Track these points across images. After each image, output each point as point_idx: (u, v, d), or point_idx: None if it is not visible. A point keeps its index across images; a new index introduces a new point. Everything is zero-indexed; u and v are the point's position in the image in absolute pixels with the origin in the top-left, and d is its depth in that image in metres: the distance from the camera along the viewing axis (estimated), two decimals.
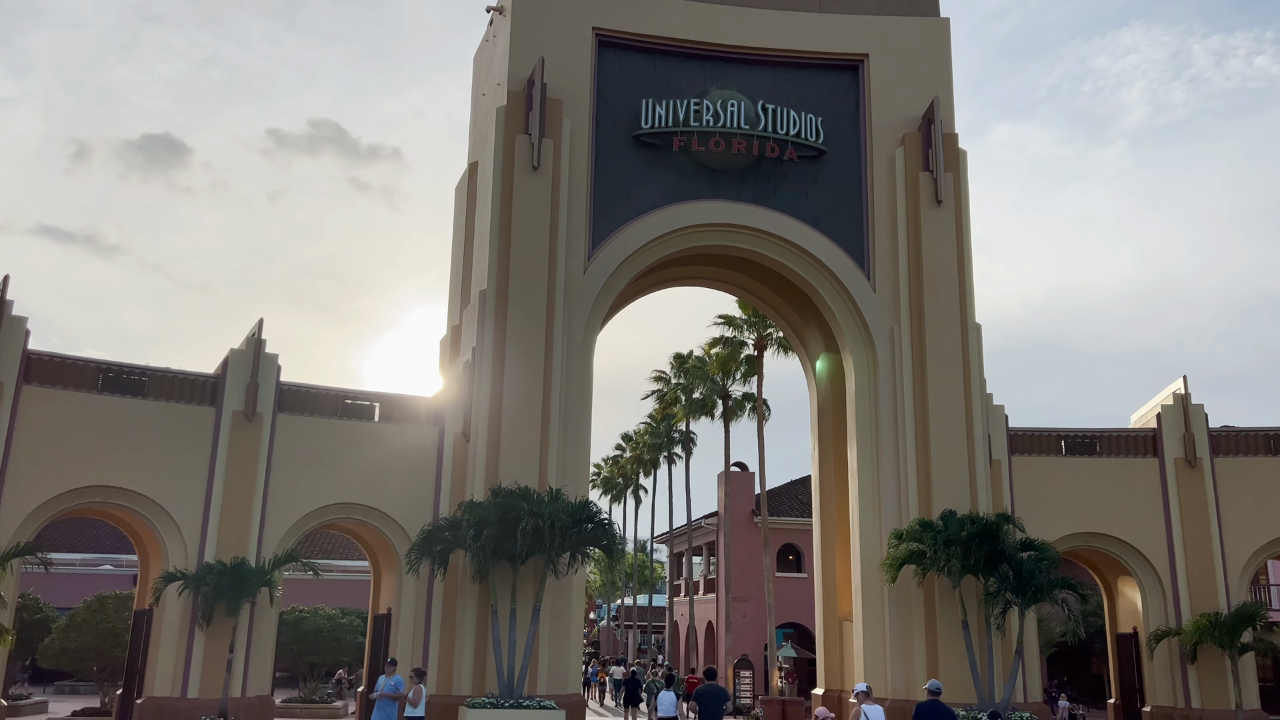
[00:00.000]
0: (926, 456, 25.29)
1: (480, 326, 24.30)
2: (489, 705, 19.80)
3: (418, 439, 23.90)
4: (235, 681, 20.93)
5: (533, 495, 21.38)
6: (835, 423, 29.56)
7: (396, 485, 23.41)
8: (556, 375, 24.28)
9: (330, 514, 23.13)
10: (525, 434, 23.56)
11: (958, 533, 22.43)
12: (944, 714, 13.44)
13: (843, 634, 27.81)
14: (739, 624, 48.07)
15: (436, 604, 22.85)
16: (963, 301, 26.37)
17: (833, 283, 27.01)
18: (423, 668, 18.12)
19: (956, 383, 25.70)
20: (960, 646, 23.39)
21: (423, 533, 21.37)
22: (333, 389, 23.59)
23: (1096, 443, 26.51)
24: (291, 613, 35.69)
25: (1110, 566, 27.09)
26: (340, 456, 23.15)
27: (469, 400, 23.98)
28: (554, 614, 23.15)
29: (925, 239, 26.57)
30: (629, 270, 26.44)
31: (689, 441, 54.59)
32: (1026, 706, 23.33)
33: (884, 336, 26.57)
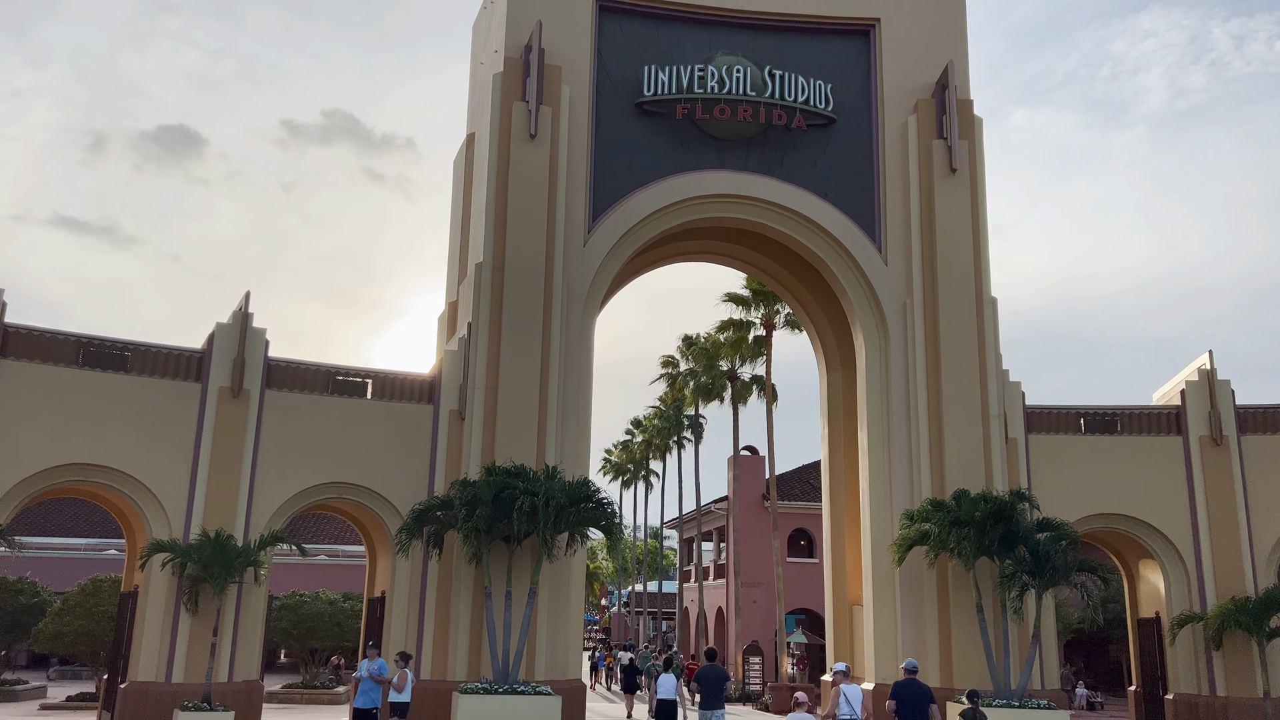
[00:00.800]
0: (940, 435, 24.36)
1: (476, 300, 23.47)
2: (482, 691, 19.04)
3: (412, 417, 23.11)
4: (221, 666, 20.24)
5: (529, 473, 20.57)
6: (846, 402, 28.65)
7: (389, 464, 22.64)
8: (555, 351, 23.45)
9: (321, 494, 22.37)
10: (523, 412, 22.75)
11: (971, 513, 21.50)
12: (920, 692, 13.41)
13: (853, 619, 26.96)
14: (749, 610, 47.30)
15: (431, 587, 22.10)
16: (978, 274, 25.37)
17: (842, 255, 26.05)
18: (409, 652, 17.35)
19: (971, 358, 24.74)
20: (974, 632, 22.50)
21: (413, 512, 20.60)
22: (322, 364, 22.81)
23: (1118, 420, 25.48)
24: (292, 597, 35.17)
25: (1131, 549, 26.09)
26: (331, 434, 22.39)
27: (464, 377, 23.16)
28: (553, 597, 22.39)
29: (939, 209, 25.57)
30: (631, 243, 25.54)
31: (698, 426, 53.75)
32: (1044, 694, 22.40)
33: (896, 311, 25.61)
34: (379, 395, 23.11)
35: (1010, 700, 20.63)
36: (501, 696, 18.94)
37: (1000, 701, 20.52)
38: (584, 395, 24.34)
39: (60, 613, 29.74)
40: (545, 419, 22.98)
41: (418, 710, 21.04)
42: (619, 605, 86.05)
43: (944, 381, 24.56)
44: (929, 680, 22.78)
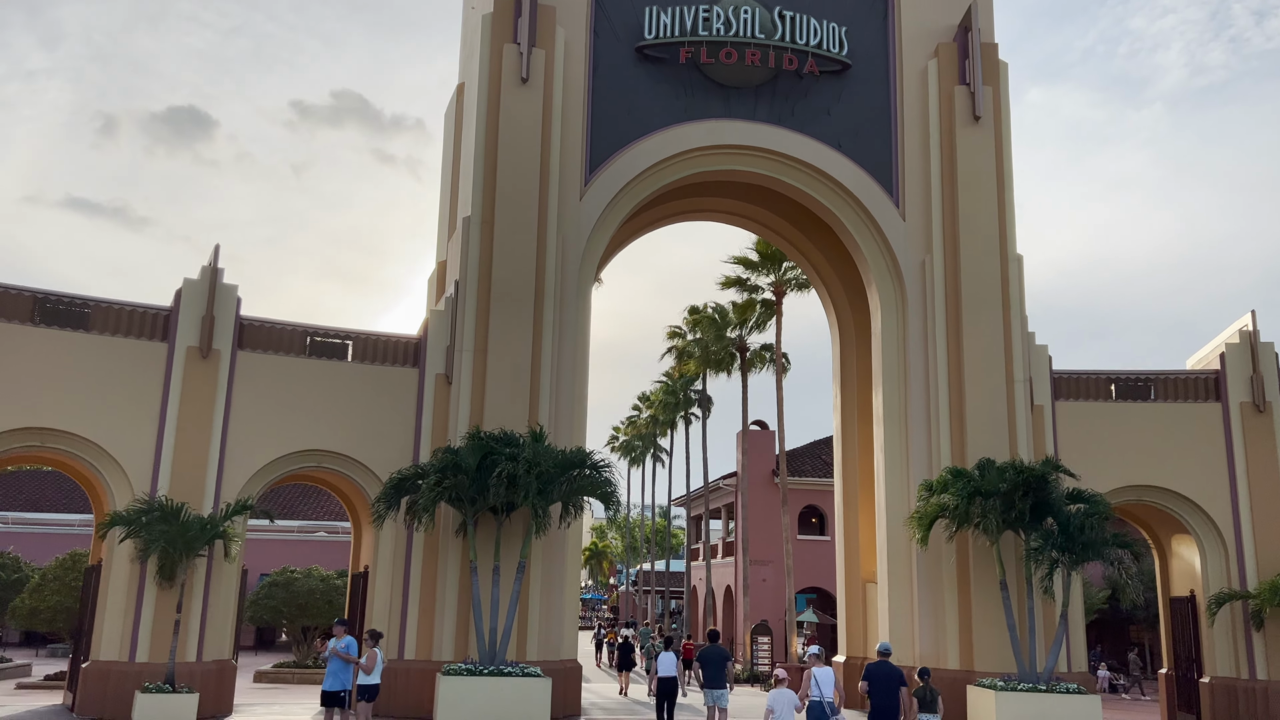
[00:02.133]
0: (960, 402, 22.77)
1: (464, 256, 21.94)
2: (466, 673, 17.64)
3: (396, 381, 21.64)
4: (189, 645, 18.92)
5: (517, 439, 19.09)
6: (860, 369, 27.08)
7: (372, 431, 21.20)
8: (549, 311, 21.91)
9: (298, 462, 20.95)
10: (514, 375, 21.25)
11: (996, 483, 19.93)
12: (891, 674, 13.67)
13: (866, 597, 25.48)
14: (758, 588, 45.90)
15: (416, 561, 20.70)
16: (1002, 230, 23.68)
17: (857, 211, 24.39)
18: (379, 630, 15.94)
19: (995, 320, 23.09)
20: (997, 611, 21.00)
21: (390, 481, 19.15)
22: (299, 324, 21.33)
23: (1151, 386, 23.81)
24: (284, 573, 33.97)
25: (1164, 523, 24.46)
26: (309, 399, 20.96)
27: (451, 338, 21.68)
28: (546, 573, 20.96)
29: (961, 160, 23.86)
30: (631, 198, 23.92)
31: (706, 400, 52.20)
32: (1071, 677, 20.90)
33: (914, 269, 23.97)
34: (360, 358, 21.64)
35: (1036, 684, 19.12)
36: (487, 678, 17.55)
37: (1026, 685, 19.02)
38: (580, 359, 22.82)
39: (37, 588, 28.57)
40: (538, 383, 21.49)
41: (402, 692, 19.77)
42: (627, 584, 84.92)
43: (965, 344, 22.95)
44: (949, 663, 21.41)
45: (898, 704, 13.45)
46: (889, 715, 13.39)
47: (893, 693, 13.51)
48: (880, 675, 13.61)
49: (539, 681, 17.78)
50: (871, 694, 13.60)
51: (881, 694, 13.50)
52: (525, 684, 17.66)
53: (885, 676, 13.62)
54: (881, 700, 13.46)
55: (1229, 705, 21.98)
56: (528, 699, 17.54)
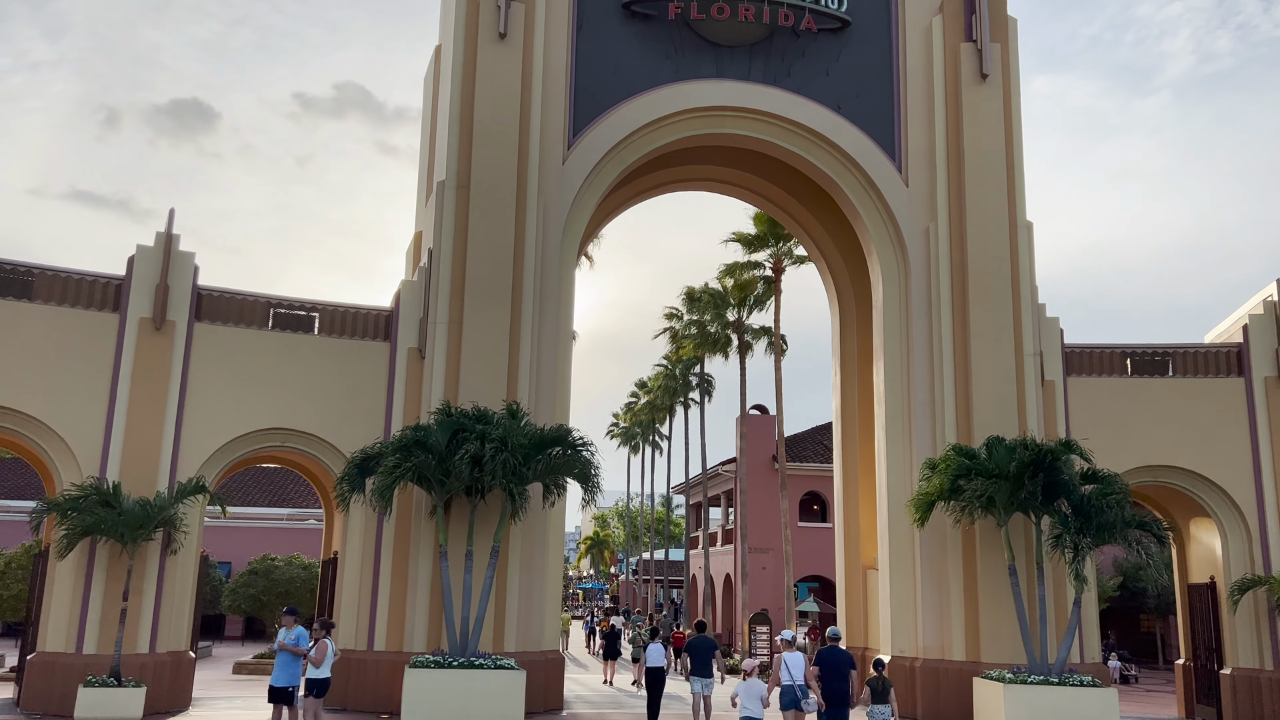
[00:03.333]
0: (966, 377, 21.45)
1: (438, 224, 20.64)
2: (434, 665, 16.39)
3: (366, 356, 20.38)
4: (141, 636, 17.70)
5: (491, 416, 17.81)
6: (861, 346, 25.75)
7: (340, 409, 19.94)
8: (530, 281, 20.62)
9: (260, 442, 19.69)
10: (491, 350, 19.97)
11: (1005, 462, 18.62)
12: (842, 660, 13.93)
13: (867, 585, 24.20)
14: (758, 576, 44.69)
15: (387, 546, 19.47)
16: (1011, 195, 22.32)
17: (858, 176, 23.02)
18: (330, 619, 14.64)
19: (1003, 291, 21.75)
20: (1006, 598, 19.74)
21: (353, 460, 17.86)
22: (261, 295, 20.04)
23: (1169, 360, 22.44)
24: (263, 561, 32.79)
25: (1182, 506, 23.12)
26: (272, 374, 19.70)
27: (425, 310, 20.39)
28: (526, 559, 19.73)
29: (967, 122, 22.50)
30: (617, 163, 22.56)
31: (704, 383, 50.90)
32: (1084, 668, 19.64)
33: (917, 237, 22.62)
34: (328, 330, 20.37)
35: (1048, 676, 17.84)
36: (456, 671, 16.30)
37: (1037, 678, 17.73)
38: (564, 333, 21.53)
39: (0, 576, 27.39)
40: (517, 359, 20.21)
41: (372, 685, 18.60)
42: (627, 573, 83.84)
43: (972, 317, 21.62)
44: (954, 654, 20.21)
45: (848, 688, 13.79)
46: (840, 699, 13.73)
47: (843, 677, 13.81)
48: (831, 661, 13.93)
49: (512, 674, 16.53)
50: (822, 679, 13.89)
51: (832, 679, 13.78)
52: (498, 677, 16.41)
53: (835, 662, 13.94)
54: (832, 684, 13.75)
55: (1251, 697, 20.70)
56: (501, 692, 16.31)
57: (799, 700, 13.79)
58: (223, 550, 43.12)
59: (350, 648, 19.25)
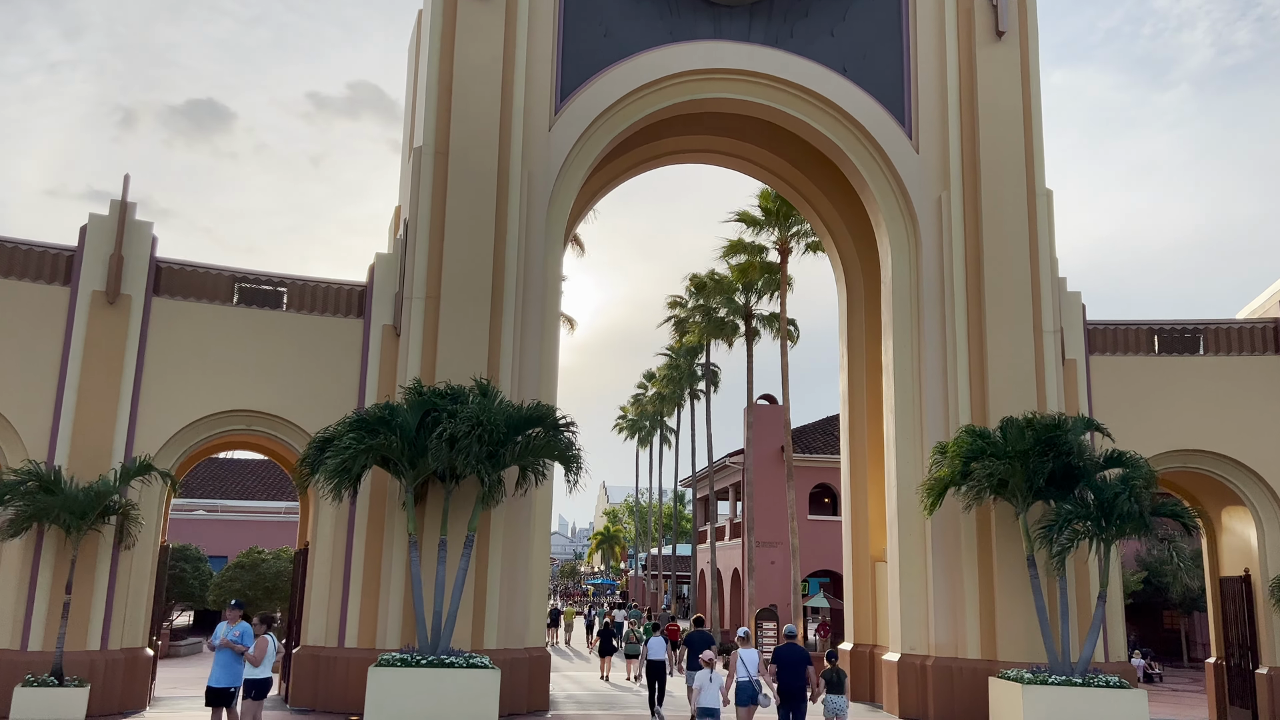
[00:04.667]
0: (981, 356, 20.01)
1: (414, 193, 19.35)
2: (402, 663, 15.10)
3: (338, 333, 19.13)
4: (92, 631, 16.50)
5: (465, 396, 16.50)
6: (869, 326, 24.29)
7: (309, 390, 18.70)
8: (513, 255, 19.30)
9: (224, 424, 18.44)
10: (471, 327, 18.66)
11: (1020, 443, 17.19)
12: (799, 656, 14.11)
13: (875, 578, 22.78)
14: (766, 571, 43.38)
15: (360, 536, 18.21)
16: (1029, 161, 20.85)
17: (865, 143, 21.58)
18: (272, 614, 13.30)
19: (1021, 263, 20.29)
20: (1024, 591, 18.32)
21: (315, 442, 16.56)
22: (225, 268, 18.80)
23: (1200, 338, 20.94)
24: (249, 555, 31.66)
25: (1213, 493, 21.58)
26: (237, 353, 18.46)
27: (401, 285, 19.12)
28: (509, 549, 18.42)
29: (982, 83, 21.03)
30: (608, 130, 21.19)
31: (710, 373, 49.49)
32: (1109, 668, 18.21)
33: (929, 207, 21.17)
34: (297, 306, 19.12)
35: (1071, 676, 16.41)
36: (424, 670, 15.00)
37: (1058, 678, 16.30)
38: (550, 311, 20.18)
39: None
40: (499, 338, 18.90)
41: (341, 685, 17.34)
42: (637, 568, 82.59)
43: (987, 291, 20.18)
44: (969, 651, 18.80)
45: (805, 684, 13.98)
46: (796, 695, 13.90)
47: (799, 674, 13.99)
48: (788, 657, 14.12)
49: (486, 674, 15.21)
50: (779, 675, 14.08)
51: (789, 675, 13.96)
52: (471, 676, 15.10)
53: (793, 657, 14.12)
54: (789, 681, 13.93)
55: None
56: (473, 693, 15.00)
57: (754, 695, 14.06)
58: (217, 544, 42.14)
59: (320, 645, 18.05)
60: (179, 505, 47.96)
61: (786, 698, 13.86)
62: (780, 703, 13.90)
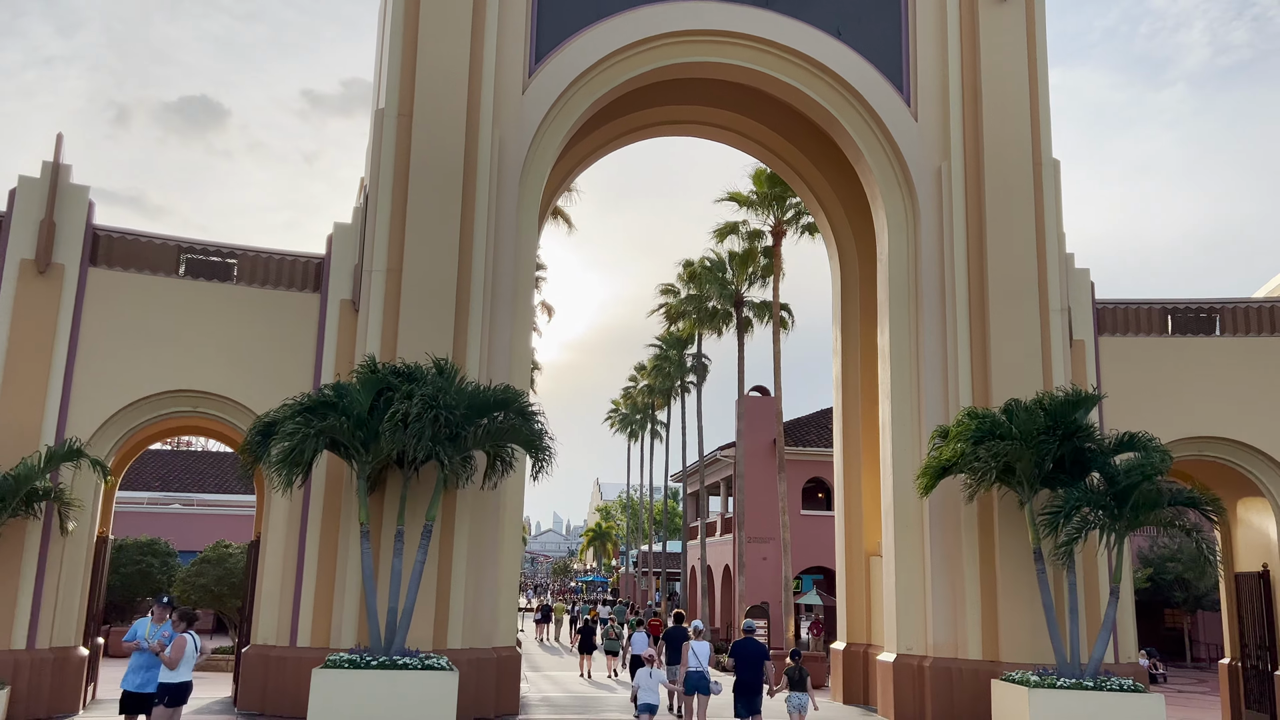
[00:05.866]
0: (984, 337, 18.74)
1: (376, 157, 18.02)
2: (349, 664, 13.77)
3: (293, 309, 17.79)
4: (18, 629, 15.15)
5: (424, 375, 15.15)
6: (865, 307, 23.00)
7: (262, 369, 17.35)
8: (482, 225, 17.96)
9: (167, 405, 17.07)
10: (435, 303, 17.33)
11: (1028, 426, 15.91)
12: (756, 651, 14.19)
13: (870, 574, 21.50)
14: (759, 567, 42.08)
15: (314, 526, 16.89)
16: (1035, 129, 19.55)
17: (860, 110, 20.27)
18: (192, 609, 11.93)
19: (1026, 238, 19.00)
20: (1029, 587, 17.06)
21: (257, 424, 15.17)
22: (170, 237, 17.44)
23: (1216, 317, 19.67)
24: (216, 549, 30.29)
25: (1228, 483, 20.29)
26: (182, 329, 17.12)
27: (360, 256, 17.78)
28: (475, 542, 17.10)
29: (985, 46, 19.74)
30: (587, 94, 19.84)
31: (701, 364, 48.17)
32: (1120, 669, 16.94)
33: (928, 179, 19.87)
34: (249, 279, 17.76)
35: (1082, 679, 15.12)
36: (375, 672, 13.67)
37: (1068, 681, 15.02)
38: (522, 288, 18.86)
39: None
40: (466, 315, 17.57)
41: (293, 688, 15.95)
42: (628, 565, 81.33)
43: (990, 268, 18.89)
44: (969, 652, 17.55)
45: (760, 679, 13.99)
46: (752, 689, 13.95)
47: (756, 668, 14.03)
48: (745, 652, 14.16)
49: (443, 676, 13.88)
50: (736, 669, 14.11)
51: (745, 669, 13.98)
52: (425, 679, 13.77)
53: (750, 653, 14.15)
54: (745, 675, 13.95)
55: None
56: (428, 696, 13.67)
57: (705, 685, 14.43)
58: (192, 539, 40.70)
59: (270, 644, 16.72)
60: (153, 499, 46.56)
61: (742, 691, 13.93)
62: (736, 695, 13.96)
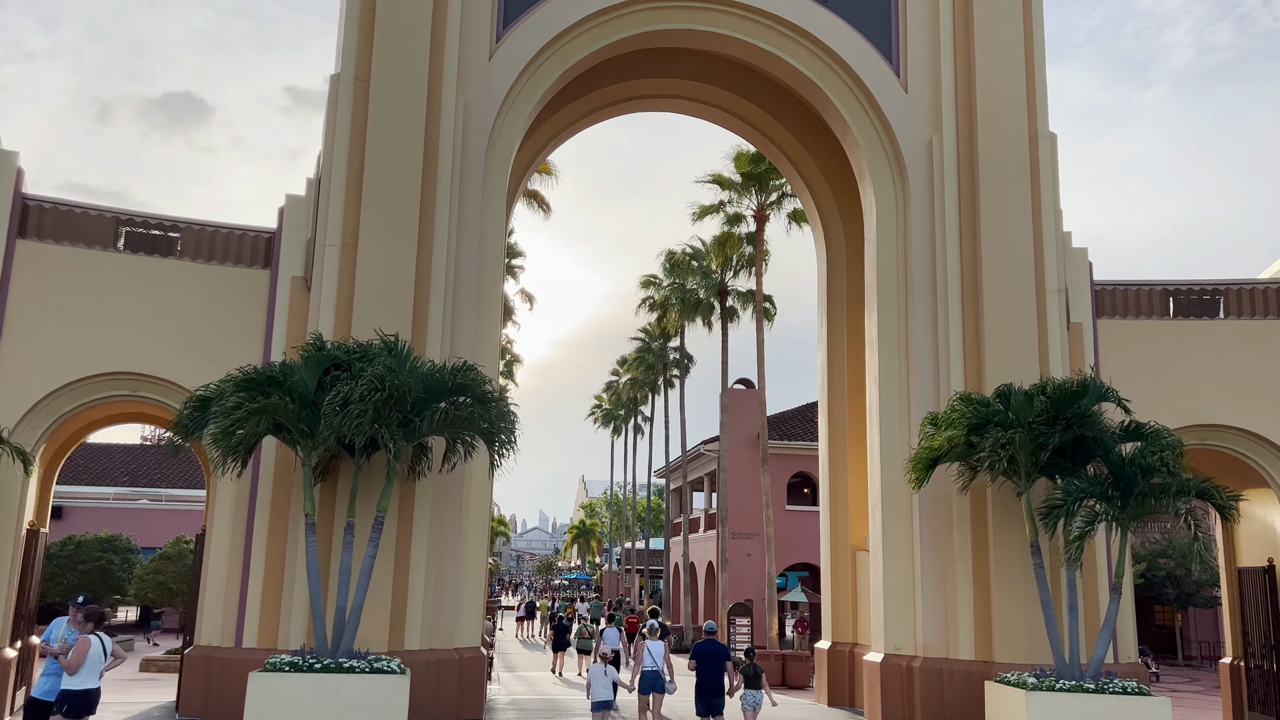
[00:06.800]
0: (977, 319, 17.75)
1: (330, 126, 16.87)
2: (289, 668, 12.64)
3: (241, 286, 16.64)
4: None
5: (376, 353, 14.01)
6: (851, 291, 21.99)
7: (207, 350, 16.17)
8: (445, 199, 16.84)
9: (103, 389, 15.89)
10: (393, 280, 16.19)
11: (1026, 411, 14.91)
12: (717, 653, 14.31)
13: (856, 569, 20.49)
14: (743, 564, 41.06)
15: (262, 520, 15.74)
16: (1031, 99, 18.56)
17: (846, 80, 19.23)
18: (100, 607, 10.72)
19: (1021, 216, 18.00)
20: (1025, 583, 16.08)
21: (189, 402, 13.99)
22: (107, 208, 16.26)
23: (1220, 299, 18.72)
24: (175, 545, 29.08)
25: (1232, 475, 19.25)
26: (120, 307, 15.95)
27: (314, 230, 16.63)
28: (436, 536, 15.99)
29: (979, 12, 18.77)
30: (559, 62, 18.72)
31: (684, 357, 47.12)
32: (1120, 670, 15.98)
33: (918, 153, 18.85)
34: (193, 254, 16.60)
35: (1082, 680, 14.13)
36: (317, 675, 12.55)
37: (1067, 683, 14.02)
38: (491, 267, 17.73)
39: None
40: (427, 293, 16.44)
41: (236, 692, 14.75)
42: (611, 563, 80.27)
43: (983, 247, 17.88)
44: (961, 652, 16.58)
45: (722, 680, 14.16)
46: (714, 690, 14.11)
47: (718, 669, 14.20)
48: (707, 654, 14.31)
49: (392, 679, 12.76)
50: (698, 671, 14.27)
51: (707, 671, 14.16)
52: (373, 682, 12.65)
53: (711, 655, 14.29)
54: (707, 677, 14.14)
55: None
56: (375, 701, 12.55)
57: (661, 684, 14.76)
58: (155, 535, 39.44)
59: (214, 645, 15.58)
60: (120, 494, 45.22)
61: (703, 691, 14.06)
62: (697, 696, 14.09)
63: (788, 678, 27.41)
